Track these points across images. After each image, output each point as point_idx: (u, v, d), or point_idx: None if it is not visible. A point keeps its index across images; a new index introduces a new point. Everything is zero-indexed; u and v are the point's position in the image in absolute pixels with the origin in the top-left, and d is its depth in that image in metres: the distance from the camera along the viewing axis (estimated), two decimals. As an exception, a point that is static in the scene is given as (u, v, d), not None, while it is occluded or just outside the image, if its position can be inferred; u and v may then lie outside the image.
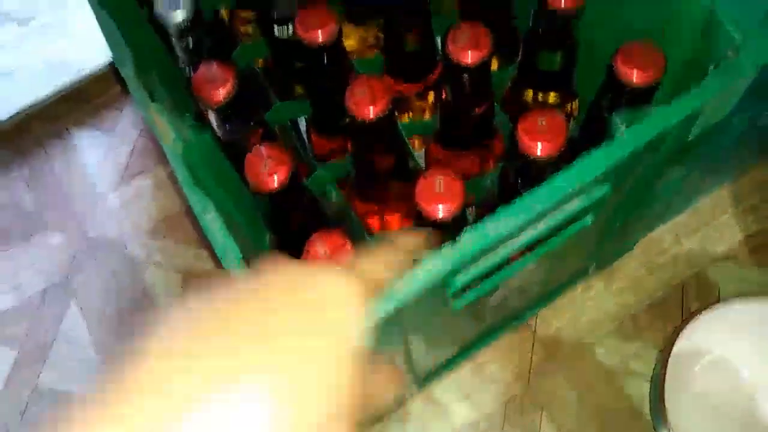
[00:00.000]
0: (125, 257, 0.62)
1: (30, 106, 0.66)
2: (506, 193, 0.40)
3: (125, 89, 0.59)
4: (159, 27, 0.41)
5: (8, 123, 0.66)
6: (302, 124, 0.53)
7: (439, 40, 0.52)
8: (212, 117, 0.40)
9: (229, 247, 0.30)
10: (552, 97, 0.45)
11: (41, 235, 0.63)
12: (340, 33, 0.39)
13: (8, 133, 0.66)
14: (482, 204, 0.46)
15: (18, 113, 0.66)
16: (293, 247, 0.42)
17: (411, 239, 0.30)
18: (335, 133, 0.48)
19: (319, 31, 0.38)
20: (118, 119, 0.67)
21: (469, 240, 0.30)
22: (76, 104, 0.67)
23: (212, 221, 0.31)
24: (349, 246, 0.34)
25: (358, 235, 0.46)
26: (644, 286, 0.55)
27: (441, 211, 0.34)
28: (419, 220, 0.35)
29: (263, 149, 0.36)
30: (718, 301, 0.53)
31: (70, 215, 0.63)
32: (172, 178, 0.64)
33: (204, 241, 0.61)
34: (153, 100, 0.35)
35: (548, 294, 0.54)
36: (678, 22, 0.35)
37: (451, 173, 0.34)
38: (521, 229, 0.31)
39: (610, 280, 0.55)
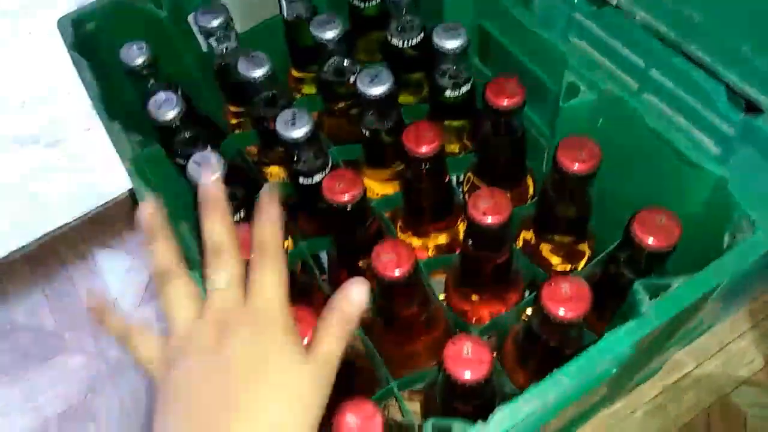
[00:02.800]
0: (144, 379, 0.62)
1: (56, 230, 0.68)
2: (532, 346, 0.41)
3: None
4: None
5: (34, 246, 0.68)
6: (323, 258, 0.54)
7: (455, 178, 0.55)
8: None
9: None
10: (567, 240, 0.46)
11: (61, 356, 0.64)
12: (365, 195, 0.41)
13: (33, 256, 0.68)
14: (505, 345, 0.46)
15: (44, 236, 0.68)
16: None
17: (352, 304, 0.33)
18: (357, 275, 0.49)
19: (346, 195, 0.40)
20: (139, 242, 0.69)
21: (500, 419, 0.30)
22: (100, 227, 0.69)
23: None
24: (380, 416, 0.34)
25: (382, 374, 0.46)
26: (669, 411, 0.55)
27: (470, 376, 0.35)
28: (446, 383, 0.36)
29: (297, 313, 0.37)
30: (744, 427, 0.53)
31: (91, 337, 0.64)
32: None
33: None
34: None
35: (573, 424, 0.54)
36: (689, 189, 0.37)
37: (479, 340, 0.35)
38: (553, 408, 0.31)
39: (634, 406, 0.55)
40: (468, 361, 0.35)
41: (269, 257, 0.32)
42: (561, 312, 0.35)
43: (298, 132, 0.43)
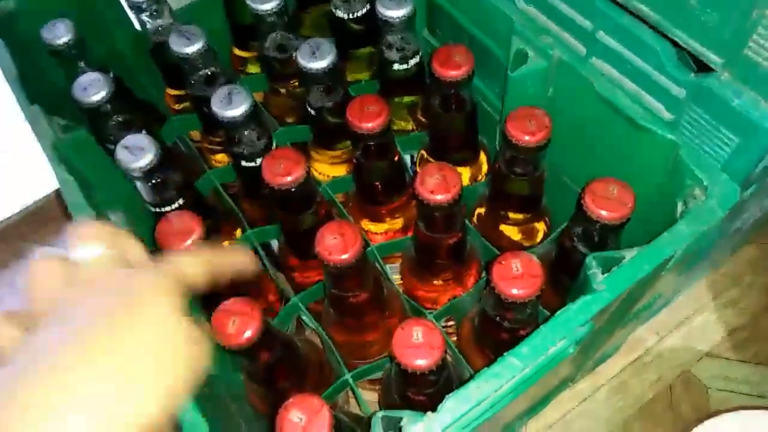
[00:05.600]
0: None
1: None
2: (487, 327, 0.39)
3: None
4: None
5: (-31, 246, 0.64)
6: (274, 246, 0.52)
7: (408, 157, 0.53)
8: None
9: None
10: (521, 217, 0.44)
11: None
12: (308, 176, 0.39)
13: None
14: (462, 326, 0.45)
15: None
16: (268, 396, 0.40)
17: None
18: (306, 258, 0.47)
19: (288, 178, 0.38)
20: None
21: (451, 406, 0.29)
22: (36, 223, 0.66)
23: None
24: (327, 411, 0.32)
25: (337, 365, 0.44)
26: (632, 388, 0.54)
27: (420, 363, 0.33)
28: (399, 371, 0.34)
29: (231, 305, 0.35)
30: (707, 401, 0.52)
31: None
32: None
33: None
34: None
35: (536, 405, 0.52)
36: (641, 156, 0.36)
37: (432, 326, 0.33)
38: (506, 390, 0.30)
39: (597, 384, 0.54)
40: (418, 347, 0.33)
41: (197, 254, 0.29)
42: (513, 291, 0.33)
43: (236, 110, 0.41)
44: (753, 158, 0.32)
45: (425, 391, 0.35)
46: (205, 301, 0.40)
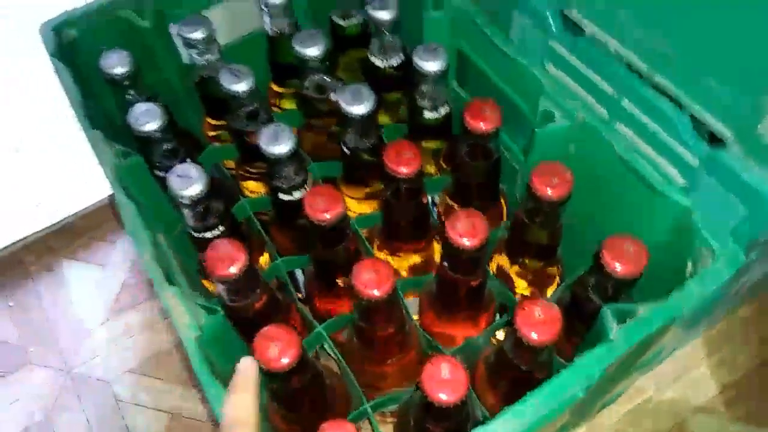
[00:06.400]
0: (110, 396, 0.61)
1: (23, 239, 0.67)
2: (503, 370, 0.42)
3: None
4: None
5: (-1, 254, 0.67)
6: (299, 276, 0.55)
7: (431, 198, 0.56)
8: (220, 288, 0.42)
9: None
10: (538, 264, 0.47)
11: (25, 370, 0.62)
12: (345, 213, 0.42)
13: (-2, 264, 0.67)
14: (475, 368, 0.47)
15: (10, 245, 0.66)
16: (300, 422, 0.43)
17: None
18: (334, 291, 0.50)
19: (326, 214, 0.41)
20: (110, 253, 0.68)
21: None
22: (68, 238, 0.68)
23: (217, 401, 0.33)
24: None
25: (356, 395, 0.46)
26: (629, 437, 0.56)
27: (448, 398, 0.35)
28: (424, 403, 0.36)
29: (269, 331, 0.38)
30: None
31: (56, 351, 0.63)
32: (162, 314, 0.64)
33: (192, 381, 0.61)
34: (171, 284, 0.37)
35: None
36: (655, 217, 0.39)
37: (457, 363, 0.36)
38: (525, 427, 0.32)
39: (596, 430, 0.56)
40: (446, 382, 0.36)
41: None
42: (534, 335, 0.36)
43: (281, 148, 0.44)
44: (758, 227, 0.35)
45: (446, 424, 0.37)
46: (241, 329, 0.43)
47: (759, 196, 0.33)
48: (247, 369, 0.34)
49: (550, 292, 0.49)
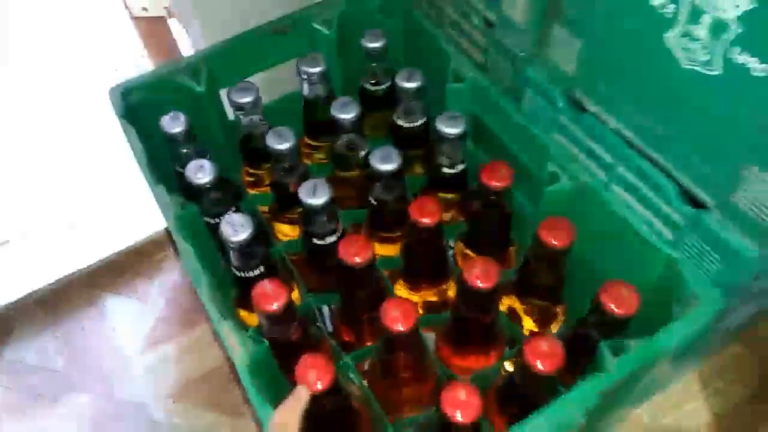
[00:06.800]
0: (148, 419, 0.66)
1: (67, 276, 0.73)
2: (512, 395, 0.47)
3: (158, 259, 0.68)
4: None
5: (47, 290, 0.72)
6: (325, 311, 0.60)
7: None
8: (263, 320, 0.47)
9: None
10: (544, 305, 0.53)
11: (69, 395, 0.67)
12: (374, 258, 0.48)
13: (45, 300, 0.72)
14: (486, 395, 0.53)
15: (57, 280, 0.72)
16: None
17: None
18: (359, 327, 0.55)
19: (357, 258, 0.47)
20: (149, 289, 0.74)
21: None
22: (112, 274, 0.74)
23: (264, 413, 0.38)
24: None
25: (379, 419, 0.52)
26: (627, 463, 0.61)
27: (462, 419, 0.41)
28: (443, 423, 0.42)
29: (307, 360, 0.43)
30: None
31: (98, 378, 0.68)
32: (196, 344, 0.70)
33: (222, 406, 0.66)
34: (224, 319, 0.43)
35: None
36: (647, 265, 0.45)
37: (472, 387, 0.41)
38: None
39: (597, 456, 0.61)
40: (462, 404, 0.41)
41: None
42: (540, 365, 0.41)
43: (319, 200, 0.50)
44: (735, 278, 0.41)
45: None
46: (279, 357, 0.49)
47: (734, 252, 0.39)
48: (299, 391, 0.40)
49: (554, 329, 0.55)
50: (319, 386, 0.42)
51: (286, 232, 0.64)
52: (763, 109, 0.34)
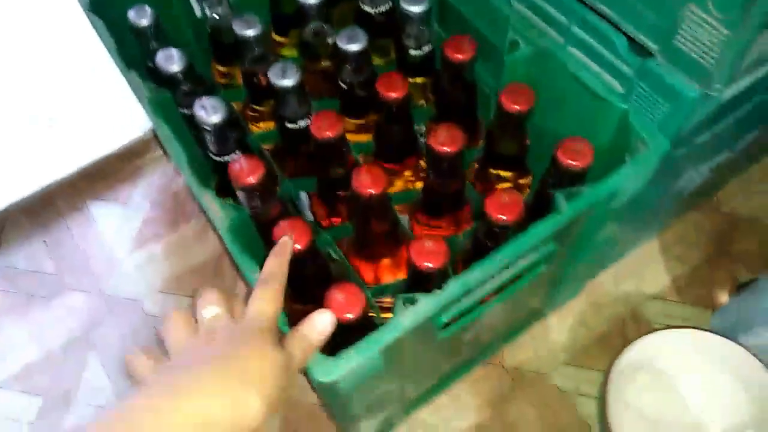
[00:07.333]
0: (141, 312, 0.70)
1: (52, 183, 0.74)
2: (477, 250, 0.50)
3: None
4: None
5: (32, 198, 0.74)
6: (303, 198, 0.63)
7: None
8: (242, 196, 0.50)
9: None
10: (510, 174, 0.56)
11: (62, 296, 0.70)
12: (344, 131, 0.50)
13: (32, 208, 0.74)
14: (456, 259, 0.56)
15: (41, 189, 0.74)
16: (306, 297, 0.51)
17: (318, 327, 0.39)
18: (335, 204, 0.58)
19: (328, 132, 0.49)
20: (131, 193, 0.76)
21: (452, 286, 0.40)
22: (94, 180, 0.76)
23: (252, 274, 0.41)
24: (362, 294, 0.43)
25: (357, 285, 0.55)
26: (591, 322, 0.66)
27: (431, 264, 0.44)
28: (412, 273, 0.45)
29: (287, 223, 0.46)
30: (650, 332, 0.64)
31: (89, 278, 0.71)
32: (182, 241, 0.72)
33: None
34: (206, 187, 0.45)
35: (512, 332, 0.64)
36: (601, 121, 0.48)
37: (439, 238, 0.45)
38: (491, 277, 0.41)
39: (563, 318, 0.66)
40: (430, 252, 0.44)
41: (271, 288, 0.38)
42: (501, 216, 0.44)
43: (289, 81, 0.52)
44: (680, 120, 0.43)
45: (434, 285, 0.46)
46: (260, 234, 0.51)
47: (678, 94, 0.42)
48: (285, 243, 0.42)
49: (521, 199, 0.58)
50: (298, 247, 0.45)
51: (261, 127, 0.66)
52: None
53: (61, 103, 0.78)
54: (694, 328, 0.59)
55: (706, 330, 0.59)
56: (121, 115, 0.75)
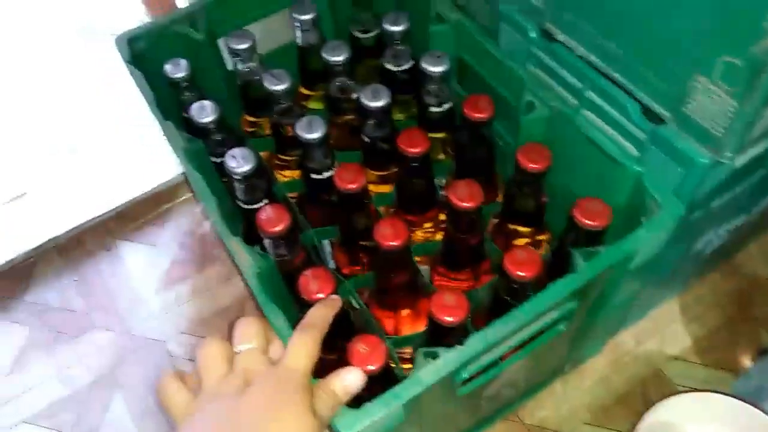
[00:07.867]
0: (166, 353, 0.71)
1: (84, 223, 0.77)
2: (497, 304, 0.51)
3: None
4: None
5: (64, 237, 0.77)
6: (326, 246, 0.65)
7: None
8: (268, 244, 0.52)
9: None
10: (528, 230, 0.57)
11: (89, 334, 0.72)
12: (366, 183, 0.52)
13: (63, 246, 0.77)
14: (475, 312, 0.57)
15: (74, 228, 0.77)
16: (327, 345, 0.52)
17: (347, 386, 0.40)
18: (357, 253, 0.59)
19: (352, 184, 0.51)
20: (159, 235, 0.78)
21: (474, 342, 0.41)
22: (124, 222, 0.79)
23: (277, 320, 0.43)
24: (383, 347, 0.44)
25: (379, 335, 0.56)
26: (612, 381, 0.65)
27: (452, 318, 0.45)
28: (433, 326, 0.46)
29: (311, 272, 0.47)
30: (672, 394, 0.64)
31: (116, 317, 0.73)
32: (208, 284, 0.74)
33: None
34: (234, 235, 0.47)
35: (533, 388, 0.64)
36: (616, 183, 0.49)
37: (459, 292, 0.45)
38: (512, 333, 0.42)
39: (584, 377, 0.66)
40: (451, 306, 0.45)
41: (311, 337, 0.39)
42: (519, 272, 0.45)
43: (315, 134, 0.54)
44: (694, 185, 0.44)
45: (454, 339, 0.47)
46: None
47: (690, 160, 0.43)
48: (336, 299, 0.44)
49: (538, 254, 0.59)
50: (321, 296, 0.47)
51: (286, 175, 0.68)
52: (695, 20, 0.37)
53: (98, 147, 0.82)
54: (715, 392, 0.58)
55: (727, 394, 0.58)
56: (152, 159, 0.78)
